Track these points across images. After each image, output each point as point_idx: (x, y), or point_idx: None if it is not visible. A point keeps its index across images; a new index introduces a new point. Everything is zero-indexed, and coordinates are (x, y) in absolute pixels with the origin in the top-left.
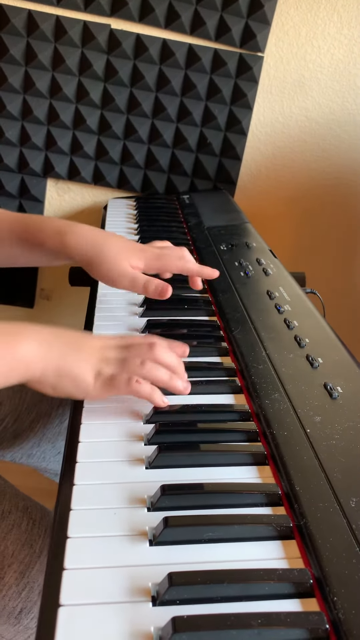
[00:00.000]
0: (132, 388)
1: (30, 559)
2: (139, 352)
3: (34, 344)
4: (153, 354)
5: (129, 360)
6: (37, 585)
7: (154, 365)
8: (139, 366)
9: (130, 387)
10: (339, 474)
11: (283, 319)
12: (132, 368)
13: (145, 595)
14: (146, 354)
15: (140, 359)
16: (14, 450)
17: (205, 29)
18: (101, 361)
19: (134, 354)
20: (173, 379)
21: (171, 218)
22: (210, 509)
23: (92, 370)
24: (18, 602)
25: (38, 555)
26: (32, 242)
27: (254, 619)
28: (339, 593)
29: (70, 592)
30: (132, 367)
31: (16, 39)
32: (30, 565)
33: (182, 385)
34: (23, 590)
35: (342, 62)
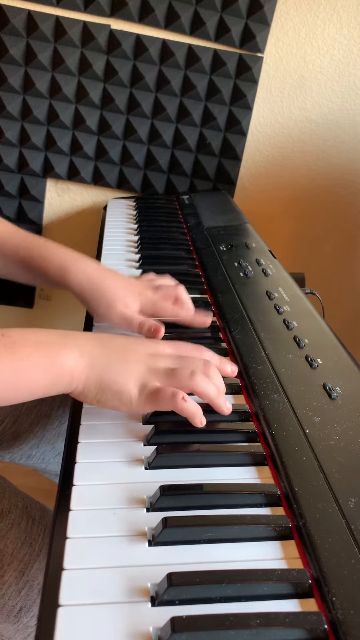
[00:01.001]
0: (176, 404)
1: (30, 558)
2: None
3: (76, 355)
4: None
5: (179, 371)
6: (36, 584)
7: (204, 378)
8: (188, 378)
9: (175, 402)
10: (338, 475)
11: (282, 320)
12: (181, 379)
13: (144, 596)
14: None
15: (190, 370)
16: (14, 451)
17: (205, 29)
18: (148, 372)
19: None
20: (220, 396)
21: (171, 218)
22: (210, 510)
23: (137, 382)
24: (17, 601)
25: (37, 554)
26: (35, 268)
27: (252, 619)
28: (337, 593)
29: (70, 593)
30: (180, 378)
31: (16, 39)
32: (29, 564)
33: (227, 406)
34: (22, 588)
35: (342, 62)
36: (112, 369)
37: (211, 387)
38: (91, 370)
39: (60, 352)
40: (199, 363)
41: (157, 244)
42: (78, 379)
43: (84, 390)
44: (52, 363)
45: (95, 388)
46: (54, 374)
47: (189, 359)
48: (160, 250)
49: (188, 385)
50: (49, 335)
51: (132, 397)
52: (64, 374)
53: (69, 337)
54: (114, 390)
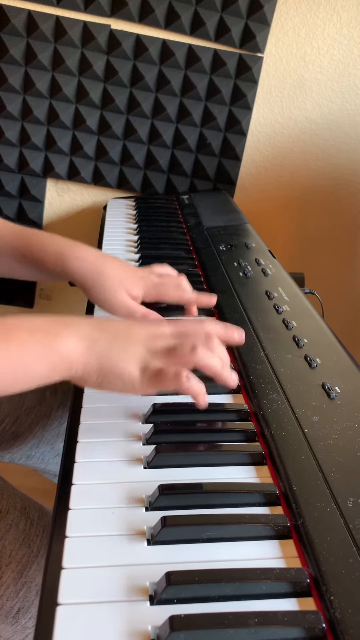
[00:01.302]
0: (180, 383)
1: (28, 559)
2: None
3: (74, 340)
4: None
5: (179, 348)
6: (34, 585)
7: (206, 351)
8: (189, 353)
9: (179, 381)
10: (337, 474)
11: (282, 319)
12: (182, 356)
13: (143, 594)
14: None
15: (191, 345)
16: (13, 451)
17: (205, 29)
18: (148, 353)
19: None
20: (225, 368)
21: (171, 218)
22: (208, 509)
23: (138, 364)
24: (16, 602)
25: (36, 555)
26: (33, 260)
27: (251, 618)
28: (335, 592)
29: (69, 591)
30: (182, 355)
31: (16, 39)
32: (28, 565)
33: (232, 378)
34: (21, 589)
35: (342, 62)
36: (112, 351)
37: (214, 360)
38: (90, 354)
39: (57, 337)
40: (200, 337)
41: (157, 243)
42: (77, 364)
43: (84, 374)
44: (48, 349)
45: (95, 372)
46: (51, 360)
47: (190, 333)
48: (160, 250)
49: (190, 361)
50: (45, 321)
51: (134, 378)
52: (62, 360)
53: (66, 322)
54: (115, 373)
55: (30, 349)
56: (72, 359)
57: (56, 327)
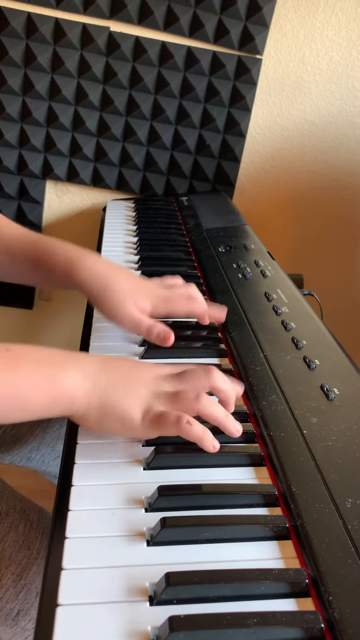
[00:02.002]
0: (181, 429)
1: (28, 561)
2: (195, 381)
3: (78, 377)
4: (209, 379)
5: (183, 394)
6: (34, 587)
7: (210, 400)
8: (193, 401)
9: (180, 427)
10: (335, 475)
11: (281, 321)
12: (186, 403)
13: (142, 595)
14: (202, 380)
15: (196, 393)
16: (13, 453)
17: (204, 31)
18: (152, 396)
19: (189, 385)
20: (228, 418)
21: (170, 220)
22: (208, 510)
23: (141, 407)
24: (15, 604)
25: (35, 557)
26: (43, 267)
27: (250, 619)
28: (334, 592)
29: (69, 592)
30: (185, 401)
31: (15, 41)
32: (27, 567)
33: (236, 428)
34: (20, 592)
35: (340, 64)
36: (116, 393)
37: (218, 409)
38: (93, 394)
39: (62, 373)
40: (202, 376)
41: (156, 245)
42: (79, 403)
43: (84, 414)
44: (52, 384)
45: (96, 412)
46: (53, 395)
47: (195, 379)
48: (159, 252)
49: (194, 409)
50: (53, 355)
51: (135, 422)
52: (64, 397)
53: (73, 358)
54: (116, 415)
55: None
56: (75, 397)
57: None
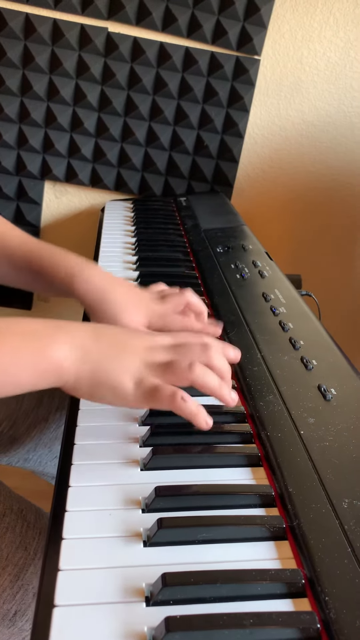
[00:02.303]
0: (175, 405)
1: (25, 562)
2: (190, 353)
3: (67, 347)
4: (205, 356)
5: (176, 364)
6: (31, 588)
7: (203, 369)
8: (186, 370)
9: (174, 403)
10: (332, 476)
11: (278, 321)
12: (179, 373)
13: (139, 596)
14: (197, 355)
15: (189, 362)
16: (10, 454)
17: (202, 32)
18: (144, 366)
19: (183, 356)
20: (223, 387)
21: (168, 220)
22: (204, 510)
23: (133, 377)
24: (12, 605)
25: (32, 558)
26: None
27: (246, 619)
28: (330, 593)
29: (65, 593)
30: (178, 371)
31: (13, 42)
32: (24, 567)
33: (231, 397)
34: (17, 592)
35: (338, 65)
36: (106, 363)
37: (211, 379)
38: (83, 364)
39: (49, 344)
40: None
41: (155, 245)
42: (68, 373)
43: (75, 384)
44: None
45: (88, 382)
46: (41, 367)
47: (188, 348)
48: (157, 252)
49: (187, 379)
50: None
51: (127, 392)
52: (53, 368)
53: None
54: (108, 385)
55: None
56: (64, 368)
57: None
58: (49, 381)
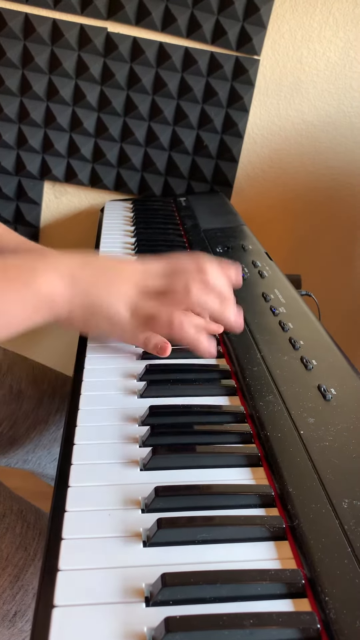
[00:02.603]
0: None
1: (25, 562)
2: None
3: (55, 278)
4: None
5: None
6: (31, 588)
7: (202, 292)
8: (184, 296)
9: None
10: (332, 476)
11: (278, 321)
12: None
13: (138, 596)
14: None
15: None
16: (9, 456)
17: (202, 32)
18: (139, 292)
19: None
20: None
21: (168, 220)
22: (204, 511)
23: (128, 304)
24: (12, 605)
25: (32, 559)
26: None
27: (246, 619)
28: (330, 593)
29: (65, 593)
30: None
31: (13, 42)
32: (24, 568)
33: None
34: (17, 593)
35: (338, 65)
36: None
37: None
38: (74, 292)
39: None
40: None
41: (154, 245)
42: (61, 304)
43: (69, 316)
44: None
45: (81, 312)
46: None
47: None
48: (157, 252)
49: (185, 303)
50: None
51: (123, 319)
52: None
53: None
54: (103, 312)
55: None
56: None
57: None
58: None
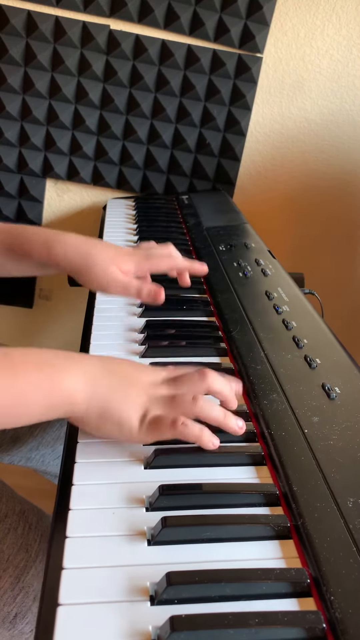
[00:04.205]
0: (177, 430)
1: (26, 564)
2: (190, 384)
3: (80, 380)
4: (205, 383)
5: (180, 397)
6: (32, 590)
7: (207, 402)
8: (190, 403)
9: (176, 429)
10: (337, 474)
11: (281, 320)
12: (183, 406)
13: (143, 595)
14: (198, 384)
15: (192, 394)
16: (13, 453)
17: (204, 29)
18: (150, 401)
19: (184, 388)
20: (228, 417)
21: (170, 218)
22: (209, 509)
23: (138, 412)
24: (13, 607)
25: (34, 560)
26: (19, 252)
27: (251, 618)
28: (335, 592)
29: (69, 592)
30: (182, 405)
31: (16, 39)
32: (25, 569)
33: (238, 425)
34: (18, 595)
35: (341, 63)
36: (115, 398)
37: (216, 410)
38: (93, 398)
39: (64, 376)
40: (196, 377)
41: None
42: (80, 406)
43: (84, 418)
44: (54, 387)
45: (96, 416)
46: (55, 397)
47: (190, 382)
48: None
49: (192, 411)
50: (53, 357)
51: (132, 427)
52: (65, 399)
53: (74, 360)
54: (114, 420)
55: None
56: (75, 401)
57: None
58: (59, 412)
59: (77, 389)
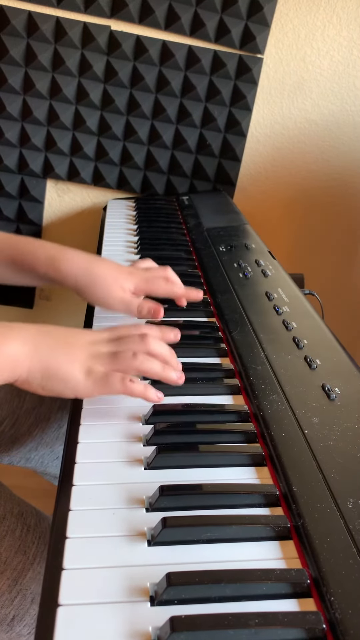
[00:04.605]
0: (125, 387)
1: (24, 566)
2: (131, 344)
3: (18, 343)
4: (145, 346)
5: (121, 354)
6: (29, 593)
7: (146, 357)
8: (130, 359)
9: (124, 385)
10: (337, 475)
11: (281, 320)
12: (124, 362)
13: (143, 595)
14: (138, 345)
15: (132, 352)
16: (12, 454)
17: (205, 30)
18: (91, 358)
19: (125, 347)
20: (166, 370)
21: (170, 219)
22: (209, 510)
23: (82, 367)
24: (10, 610)
25: (31, 562)
26: (23, 266)
27: (251, 619)
28: (335, 593)
29: (69, 592)
30: (124, 361)
31: (16, 40)
32: (23, 572)
33: (176, 375)
34: (16, 597)
35: (341, 63)
36: (56, 355)
37: (154, 365)
38: (34, 357)
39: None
40: (138, 341)
41: (157, 244)
42: (21, 367)
43: (28, 377)
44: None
45: (39, 375)
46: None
47: (129, 339)
48: (159, 251)
49: (132, 367)
50: None
51: (77, 382)
52: (6, 362)
53: (11, 327)
54: (59, 376)
55: None
56: (17, 362)
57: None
58: (3, 378)
59: (18, 352)
